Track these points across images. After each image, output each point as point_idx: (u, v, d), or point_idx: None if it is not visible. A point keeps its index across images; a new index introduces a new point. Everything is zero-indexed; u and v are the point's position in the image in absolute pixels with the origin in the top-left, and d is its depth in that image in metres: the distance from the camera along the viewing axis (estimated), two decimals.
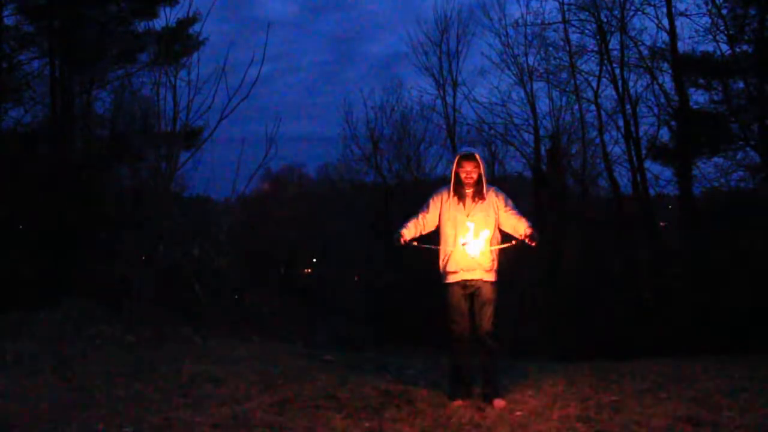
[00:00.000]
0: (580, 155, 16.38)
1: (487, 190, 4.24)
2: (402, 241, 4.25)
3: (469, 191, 4.25)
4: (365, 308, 17.48)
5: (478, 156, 4.24)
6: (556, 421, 3.81)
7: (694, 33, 13.53)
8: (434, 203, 4.34)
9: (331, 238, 22.84)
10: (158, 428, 3.73)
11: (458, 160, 4.25)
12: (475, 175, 4.22)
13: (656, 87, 14.36)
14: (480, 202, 4.23)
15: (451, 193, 4.28)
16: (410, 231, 4.29)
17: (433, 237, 4.40)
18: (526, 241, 4.13)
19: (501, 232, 4.30)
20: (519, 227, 4.17)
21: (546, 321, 13.55)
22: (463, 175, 4.23)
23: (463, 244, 4.20)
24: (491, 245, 4.23)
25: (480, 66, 42.30)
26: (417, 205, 4.51)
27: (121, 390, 4.58)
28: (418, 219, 4.33)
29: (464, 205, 4.26)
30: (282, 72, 45.36)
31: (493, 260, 4.25)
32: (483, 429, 3.72)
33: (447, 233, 4.29)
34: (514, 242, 4.23)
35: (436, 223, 4.34)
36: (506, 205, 4.25)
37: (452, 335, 4.32)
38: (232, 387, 4.76)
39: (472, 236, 4.18)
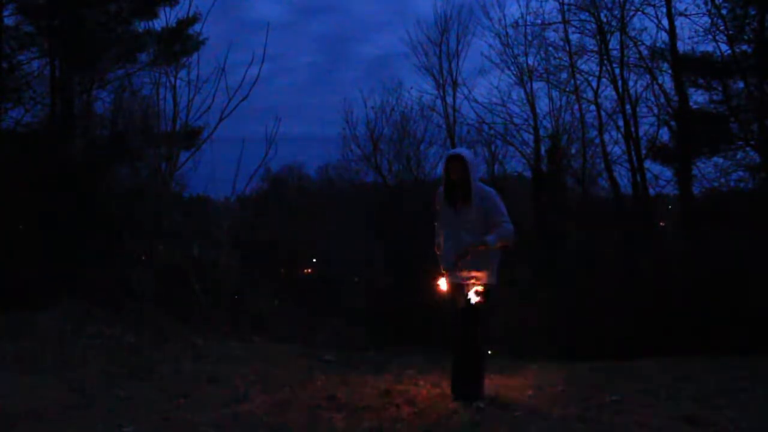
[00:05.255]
0: (580, 155, 16.39)
1: (477, 194, 4.19)
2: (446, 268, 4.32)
3: (458, 193, 4.22)
4: (365, 308, 17.47)
5: (463, 156, 4.21)
6: (556, 421, 3.81)
7: (694, 33, 13.50)
8: (437, 206, 4.41)
9: (331, 238, 22.83)
10: (158, 428, 3.73)
11: (445, 161, 4.28)
12: (461, 176, 4.17)
13: (656, 87, 14.36)
14: (467, 204, 4.20)
15: (443, 195, 4.30)
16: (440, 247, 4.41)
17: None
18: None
19: None
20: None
21: (546, 321, 13.54)
22: (450, 177, 4.23)
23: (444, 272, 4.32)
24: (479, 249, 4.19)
25: (480, 66, 42.28)
26: (417, 205, 4.53)
27: (121, 390, 4.58)
28: (437, 234, 4.45)
29: (456, 206, 4.25)
30: (277, 73, 45.54)
31: (488, 262, 4.23)
32: (483, 429, 3.72)
33: (440, 235, 4.33)
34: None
35: None
36: (491, 212, 4.18)
37: (452, 335, 4.33)
38: (232, 387, 4.76)
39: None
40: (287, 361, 6.10)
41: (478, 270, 4.20)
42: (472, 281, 4.19)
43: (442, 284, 4.35)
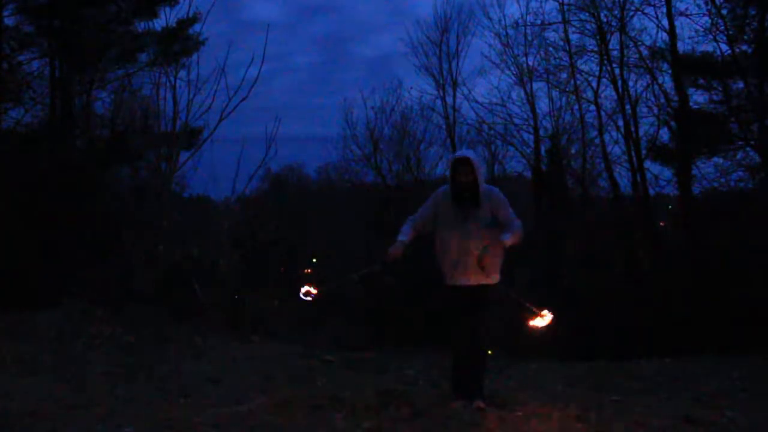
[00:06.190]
0: (580, 155, 16.40)
1: (483, 194, 4.17)
2: (392, 257, 4.17)
3: (466, 195, 4.17)
4: (365, 308, 17.47)
5: (471, 159, 4.18)
6: (556, 421, 3.81)
7: (694, 33, 13.47)
8: (432, 205, 4.30)
9: (331, 238, 22.84)
10: (158, 428, 3.72)
11: (452, 164, 4.23)
12: (470, 179, 4.14)
13: (656, 87, 14.36)
14: (476, 207, 4.16)
15: (449, 198, 4.23)
16: (408, 236, 4.24)
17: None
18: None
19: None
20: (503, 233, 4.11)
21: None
22: (458, 179, 4.18)
23: None
24: (490, 249, 4.17)
25: (480, 66, 42.31)
26: (417, 205, 4.50)
27: (121, 390, 4.58)
28: (416, 221, 4.30)
29: (461, 209, 4.19)
30: (277, 73, 45.70)
31: (493, 264, 4.21)
32: (483, 429, 3.72)
33: (444, 237, 4.27)
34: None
35: (433, 223, 4.29)
36: (500, 211, 4.17)
37: (453, 335, 4.32)
38: (232, 387, 4.76)
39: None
40: (287, 361, 6.11)
41: (493, 270, 4.18)
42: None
43: (309, 290, 4.34)
